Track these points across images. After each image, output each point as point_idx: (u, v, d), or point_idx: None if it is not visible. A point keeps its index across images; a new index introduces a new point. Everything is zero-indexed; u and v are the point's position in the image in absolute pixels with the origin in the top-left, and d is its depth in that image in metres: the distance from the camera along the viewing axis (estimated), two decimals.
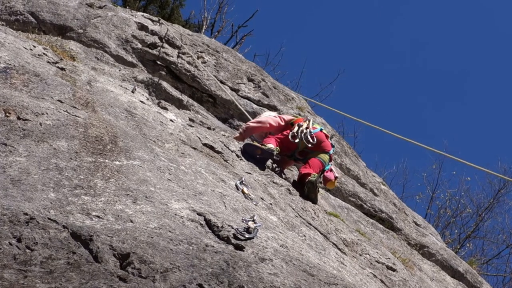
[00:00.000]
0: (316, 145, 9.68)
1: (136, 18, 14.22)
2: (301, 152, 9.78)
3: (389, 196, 14.79)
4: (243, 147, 9.14)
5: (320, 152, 9.73)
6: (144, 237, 4.23)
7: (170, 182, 5.65)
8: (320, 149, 9.75)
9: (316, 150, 9.70)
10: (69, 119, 6.19)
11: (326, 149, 9.83)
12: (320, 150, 9.75)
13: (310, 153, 9.72)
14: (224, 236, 4.77)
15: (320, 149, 9.75)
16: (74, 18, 12.71)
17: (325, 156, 9.74)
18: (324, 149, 9.80)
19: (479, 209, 33.40)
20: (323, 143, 9.79)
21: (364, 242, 8.72)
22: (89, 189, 4.90)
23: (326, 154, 9.79)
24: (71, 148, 5.56)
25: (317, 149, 9.72)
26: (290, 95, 15.57)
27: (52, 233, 3.97)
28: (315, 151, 9.70)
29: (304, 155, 9.77)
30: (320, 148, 9.75)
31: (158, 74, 12.82)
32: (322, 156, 9.70)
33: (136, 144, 6.27)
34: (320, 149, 9.74)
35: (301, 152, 9.77)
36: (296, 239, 5.98)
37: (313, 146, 9.65)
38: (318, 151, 9.71)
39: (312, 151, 9.70)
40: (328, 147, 9.87)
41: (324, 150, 9.79)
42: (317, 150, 9.71)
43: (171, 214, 4.87)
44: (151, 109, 8.28)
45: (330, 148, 9.91)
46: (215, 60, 14.21)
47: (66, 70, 8.37)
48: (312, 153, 9.71)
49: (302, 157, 9.80)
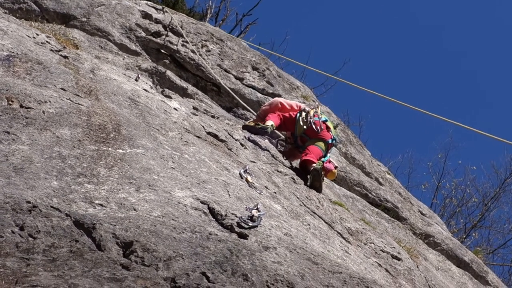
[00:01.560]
0: (314, 132, 9.80)
1: (140, 6, 14.20)
2: (301, 137, 9.89)
3: (394, 186, 14.78)
4: (242, 128, 9.43)
5: (318, 139, 9.81)
6: (147, 225, 4.23)
7: (174, 170, 5.65)
8: (318, 136, 9.84)
9: (314, 137, 9.81)
10: (72, 107, 6.19)
11: (324, 138, 9.90)
12: (317, 138, 9.83)
13: (308, 140, 9.84)
14: (228, 225, 4.77)
15: (318, 137, 9.84)
16: (77, 6, 12.69)
17: (323, 145, 9.83)
18: (322, 138, 9.87)
19: (485, 199, 33.36)
20: (322, 132, 9.89)
21: (369, 231, 8.71)
22: (92, 178, 4.90)
23: (324, 142, 9.87)
24: (74, 136, 5.56)
25: (316, 136, 9.82)
26: (295, 84, 15.55)
27: (55, 221, 3.97)
28: (313, 138, 9.81)
29: (303, 142, 9.89)
30: (318, 136, 9.84)
31: (162, 63, 12.80)
32: (319, 144, 9.80)
33: (140, 132, 6.26)
34: (317, 137, 9.83)
35: (301, 137, 9.89)
36: (300, 227, 5.98)
37: (311, 133, 9.74)
38: (316, 139, 9.80)
39: (310, 138, 9.81)
40: (327, 137, 9.95)
41: (322, 138, 9.87)
42: (315, 137, 9.81)
43: (175, 203, 4.87)
44: (155, 98, 8.28)
45: (329, 137, 9.98)
46: (220, 48, 14.18)
47: (69, 58, 8.36)
48: (310, 140, 9.83)
49: (302, 143, 9.92)
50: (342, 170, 12.78)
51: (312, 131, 9.83)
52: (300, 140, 9.98)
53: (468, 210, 33.01)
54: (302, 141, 9.96)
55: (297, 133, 9.96)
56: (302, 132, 9.88)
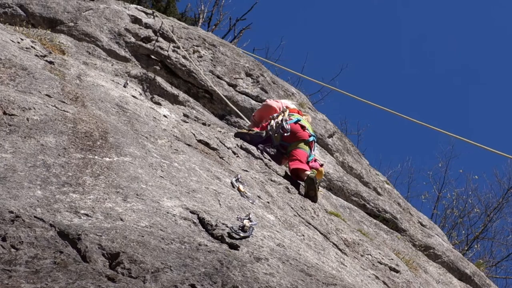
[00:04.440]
0: (291, 136, 9.80)
1: (129, 10, 14.22)
2: (280, 145, 9.93)
3: (393, 196, 14.79)
4: (235, 135, 9.49)
5: (298, 142, 9.84)
6: (135, 236, 4.22)
7: (163, 179, 5.65)
8: (296, 139, 9.86)
9: (293, 141, 9.83)
10: (57, 114, 6.18)
11: (302, 138, 9.91)
12: (297, 140, 9.86)
13: (288, 145, 9.85)
14: (218, 235, 4.76)
15: (296, 139, 9.87)
16: (64, 10, 12.71)
17: (305, 146, 9.85)
18: (300, 138, 9.89)
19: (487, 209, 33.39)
20: (298, 133, 9.89)
21: (366, 243, 8.72)
22: (77, 187, 4.89)
23: (304, 143, 9.88)
24: (59, 144, 5.55)
25: (294, 140, 9.84)
26: (290, 91, 15.57)
27: (38, 231, 3.96)
28: (292, 142, 9.83)
29: (285, 148, 9.91)
30: (296, 138, 9.87)
31: (153, 69, 12.81)
32: (301, 146, 9.81)
33: (127, 140, 6.26)
34: (296, 139, 9.86)
35: (280, 145, 9.92)
36: (294, 238, 5.98)
37: (288, 137, 9.76)
38: (296, 142, 9.83)
39: (289, 143, 9.84)
40: (304, 136, 9.96)
41: (300, 139, 9.88)
42: (294, 141, 9.83)
43: (163, 212, 4.86)
44: (144, 104, 8.28)
45: (307, 136, 9.99)
46: (212, 54, 14.20)
47: (55, 63, 8.36)
48: (290, 145, 9.85)
49: (284, 150, 9.94)
50: (339, 179, 12.79)
51: (288, 136, 9.83)
52: (281, 147, 10.01)
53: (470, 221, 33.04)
54: (283, 147, 9.99)
55: (275, 142, 9.97)
56: (280, 140, 9.90)
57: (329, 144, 14.17)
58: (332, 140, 14.42)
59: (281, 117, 10.04)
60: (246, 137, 9.73)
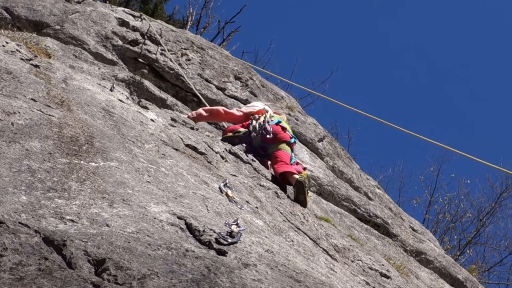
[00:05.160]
0: (272, 138, 9.78)
1: (117, 13, 14.22)
2: (260, 147, 9.89)
3: (384, 201, 14.81)
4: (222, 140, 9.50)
5: (279, 143, 9.83)
6: (121, 242, 4.22)
7: (150, 184, 5.65)
8: (277, 140, 9.85)
9: (274, 143, 9.81)
10: (42, 118, 6.18)
11: (283, 139, 9.92)
12: (278, 141, 9.85)
13: (269, 147, 9.83)
14: (206, 241, 4.76)
15: (277, 141, 9.86)
16: (50, 13, 12.71)
17: (287, 147, 9.85)
18: (281, 140, 9.90)
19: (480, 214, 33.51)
20: (278, 135, 9.88)
21: (357, 248, 8.73)
22: (63, 192, 4.89)
23: (286, 144, 9.88)
24: (45, 149, 5.55)
25: (275, 141, 9.83)
26: (279, 94, 15.59)
27: (23, 238, 3.96)
28: (273, 144, 9.80)
29: (265, 150, 9.89)
30: (277, 140, 9.85)
31: (140, 73, 12.82)
32: (283, 147, 9.80)
33: (114, 144, 6.26)
34: (277, 141, 9.85)
35: (260, 146, 9.89)
36: (283, 244, 5.98)
37: (269, 139, 9.76)
38: (277, 143, 9.81)
39: (269, 144, 9.81)
40: (286, 137, 9.95)
41: (281, 140, 9.89)
42: (274, 142, 9.81)
43: (150, 218, 4.86)
44: (131, 108, 8.27)
45: (288, 138, 9.99)
46: (200, 57, 14.21)
47: (41, 67, 8.35)
48: (270, 146, 9.82)
49: (264, 152, 9.91)
50: (330, 184, 12.81)
51: (270, 138, 9.81)
52: (261, 149, 9.98)
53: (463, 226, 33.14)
54: (263, 149, 9.97)
55: (255, 143, 9.94)
56: (260, 141, 9.86)
57: (319, 148, 14.18)
58: (322, 144, 14.44)
59: (262, 118, 9.99)
60: (235, 140, 9.69)
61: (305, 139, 13.90)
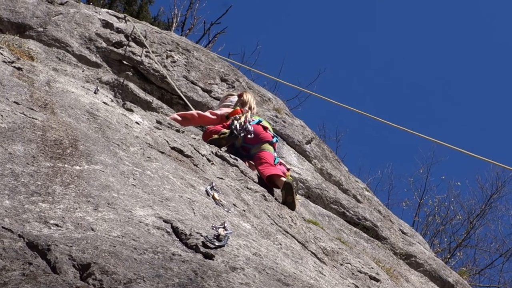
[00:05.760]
0: (254, 138, 9.78)
1: (101, 15, 14.21)
2: (242, 147, 9.88)
3: (373, 203, 14.84)
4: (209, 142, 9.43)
5: (262, 143, 9.83)
6: (106, 246, 4.21)
7: (135, 187, 5.65)
8: (260, 141, 9.87)
9: (256, 143, 9.80)
10: (26, 121, 6.16)
11: (266, 139, 9.94)
12: (260, 142, 9.87)
13: (251, 147, 9.82)
14: (193, 244, 4.77)
15: (260, 141, 9.88)
16: (33, 15, 12.69)
17: (270, 147, 9.86)
18: (263, 140, 9.92)
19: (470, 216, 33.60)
20: (261, 135, 9.88)
21: (346, 251, 8.74)
22: (47, 196, 4.88)
23: (269, 144, 9.89)
24: (28, 152, 5.54)
25: (257, 142, 9.83)
26: (266, 96, 15.61)
27: (6, 242, 3.95)
28: (256, 144, 9.80)
29: (247, 151, 9.87)
30: (259, 140, 9.87)
31: (125, 75, 12.81)
32: (266, 147, 9.81)
33: (98, 147, 6.25)
34: (259, 141, 9.87)
35: (242, 147, 9.87)
36: (271, 247, 5.99)
37: (251, 139, 9.76)
38: (259, 143, 9.81)
39: (252, 145, 9.80)
40: (268, 137, 9.97)
41: (263, 141, 9.91)
42: (257, 142, 9.81)
43: (136, 222, 4.86)
44: (115, 111, 8.27)
45: (270, 137, 10.00)
46: (186, 59, 14.21)
47: (23, 70, 8.33)
48: (253, 147, 9.81)
49: (246, 153, 9.90)
50: (318, 187, 12.83)
51: (252, 138, 9.82)
52: (242, 149, 9.97)
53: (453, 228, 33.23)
54: (245, 150, 9.96)
55: (237, 144, 9.94)
56: (243, 142, 9.86)
57: (307, 150, 14.20)
58: (310, 147, 14.46)
59: (243, 118, 9.97)
60: (222, 142, 9.65)
61: (292, 142, 13.92)
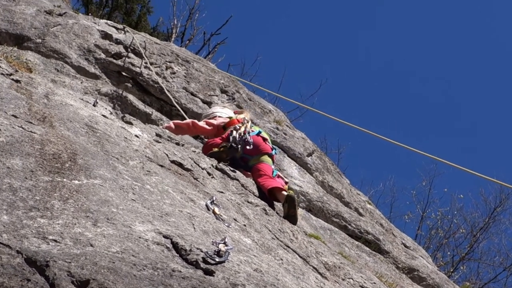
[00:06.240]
0: (254, 149, 9.78)
1: (99, 26, 14.23)
2: (241, 158, 9.89)
3: (375, 216, 14.83)
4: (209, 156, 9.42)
5: (261, 155, 9.84)
6: (105, 262, 4.21)
7: (134, 202, 5.64)
8: (259, 152, 9.90)
9: (256, 154, 9.82)
10: (24, 135, 6.17)
11: (265, 151, 9.97)
12: (259, 153, 9.90)
13: (250, 158, 9.84)
14: (193, 260, 4.76)
15: (259, 152, 9.91)
16: (31, 26, 12.71)
17: (269, 159, 9.88)
18: (262, 152, 9.95)
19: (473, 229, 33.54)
20: (260, 146, 9.90)
21: (348, 266, 8.73)
22: (45, 211, 4.88)
23: (268, 156, 9.91)
24: (26, 166, 5.54)
25: (256, 153, 9.85)
26: (267, 108, 15.61)
27: (4, 258, 3.95)
28: (255, 155, 9.81)
29: (245, 161, 9.89)
30: (259, 151, 9.89)
31: (124, 86, 12.81)
32: (265, 159, 9.83)
33: (98, 161, 6.25)
34: (259, 152, 9.89)
35: (240, 158, 9.88)
36: (272, 263, 5.98)
37: (250, 150, 9.77)
38: (259, 155, 9.82)
39: (251, 156, 9.81)
40: (267, 149, 10.01)
41: (262, 152, 9.94)
42: (256, 154, 9.83)
43: (135, 237, 4.86)
44: (114, 124, 8.27)
45: (269, 149, 10.04)
46: (185, 70, 14.22)
47: (22, 82, 8.34)
48: (252, 158, 9.83)
49: (244, 163, 9.91)
50: (319, 200, 12.82)
51: (251, 149, 9.83)
52: (241, 160, 9.99)
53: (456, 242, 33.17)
54: (243, 160, 9.99)
55: (237, 155, 9.91)
56: (242, 153, 9.86)
57: (308, 163, 14.20)
58: (311, 159, 14.46)
59: (243, 129, 9.98)
60: (222, 155, 9.63)
61: (293, 154, 13.92)
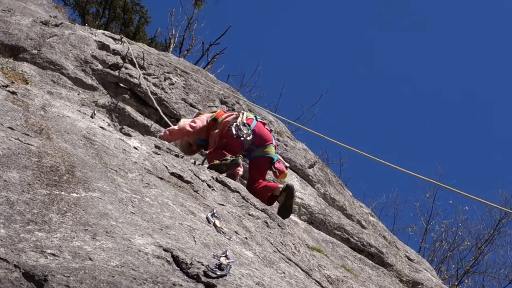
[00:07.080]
0: (259, 139, 9.86)
1: (96, 36, 14.26)
2: (246, 149, 9.96)
3: (378, 229, 14.81)
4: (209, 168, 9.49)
5: (264, 146, 9.92)
6: (105, 276, 4.22)
7: (134, 215, 5.65)
8: (264, 142, 10.07)
9: (260, 145, 9.90)
10: (21, 147, 6.18)
11: (269, 140, 10.15)
12: (264, 143, 10.08)
13: (255, 149, 9.90)
14: (194, 274, 4.76)
15: (264, 142, 10.08)
16: (27, 37, 12.74)
17: (272, 149, 9.94)
18: (267, 141, 10.12)
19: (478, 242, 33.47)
20: (265, 136, 10.09)
21: (351, 279, 8.73)
22: (43, 225, 4.89)
23: (271, 146, 9.98)
24: (24, 179, 5.55)
25: (261, 144, 10.02)
26: (267, 118, 15.61)
27: (2, 273, 3.95)
28: (259, 146, 9.89)
29: (249, 151, 9.95)
30: (264, 140, 10.06)
31: (121, 98, 12.83)
32: (268, 150, 9.90)
33: (96, 174, 6.26)
34: (264, 143, 10.07)
35: (246, 148, 9.95)
36: (274, 276, 5.98)
37: (256, 140, 9.91)
38: (262, 146, 9.91)
39: (257, 146, 9.88)
40: (270, 138, 10.21)
41: (267, 142, 10.11)
42: (261, 144, 9.99)
43: (135, 251, 4.86)
44: (113, 136, 8.28)
45: (271, 137, 10.26)
46: (184, 81, 14.24)
47: (18, 94, 8.36)
48: (257, 149, 9.89)
49: (248, 152, 9.98)
50: (321, 212, 12.82)
51: (257, 139, 9.93)
52: (246, 149, 10.13)
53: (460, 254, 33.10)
54: (248, 150, 10.14)
55: (246, 145, 10.04)
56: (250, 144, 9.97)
57: (310, 174, 14.20)
58: (313, 171, 14.46)
59: (240, 119, 10.04)
60: (223, 168, 9.66)
61: (294, 166, 13.92)
